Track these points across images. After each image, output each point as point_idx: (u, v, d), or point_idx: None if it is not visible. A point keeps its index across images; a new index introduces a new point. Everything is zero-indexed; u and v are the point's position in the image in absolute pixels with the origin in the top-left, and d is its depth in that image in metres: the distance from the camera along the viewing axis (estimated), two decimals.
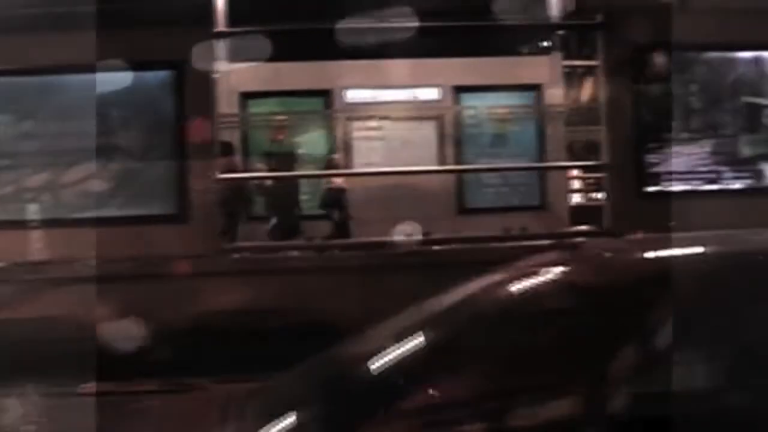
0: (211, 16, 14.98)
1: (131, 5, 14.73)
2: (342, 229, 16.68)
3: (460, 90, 17.71)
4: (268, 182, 16.97)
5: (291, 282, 13.46)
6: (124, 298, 12.65)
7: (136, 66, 13.59)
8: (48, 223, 13.42)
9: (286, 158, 16.94)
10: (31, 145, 13.68)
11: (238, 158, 16.61)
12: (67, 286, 12.95)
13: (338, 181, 16.84)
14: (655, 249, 5.03)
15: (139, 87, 13.75)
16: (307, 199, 17.36)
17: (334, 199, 16.87)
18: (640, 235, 7.39)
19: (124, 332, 12.48)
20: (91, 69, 13.49)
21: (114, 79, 13.62)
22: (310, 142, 17.26)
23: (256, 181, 16.84)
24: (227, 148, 16.70)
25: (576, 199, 19.53)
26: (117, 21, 13.56)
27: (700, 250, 4.88)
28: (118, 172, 13.69)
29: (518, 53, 18.78)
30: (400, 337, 4.51)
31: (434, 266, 14.00)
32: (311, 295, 13.22)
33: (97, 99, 13.67)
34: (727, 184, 14.54)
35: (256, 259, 14.39)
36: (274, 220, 16.79)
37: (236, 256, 14.31)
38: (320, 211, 17.18)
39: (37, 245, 13.32)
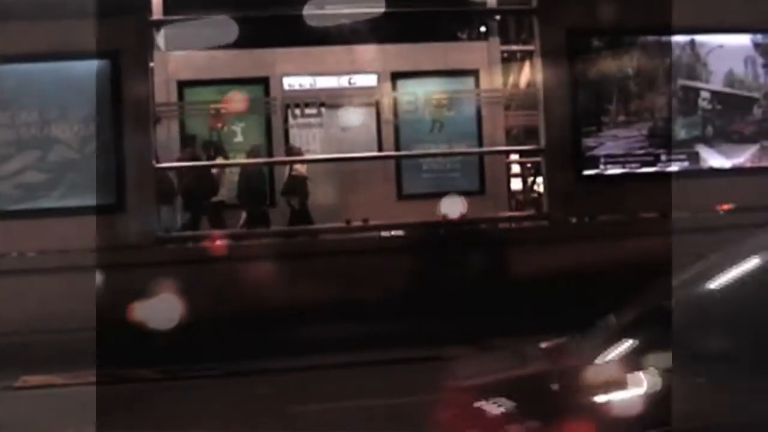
0: (147, 4, 14.90)
1: None
2: (303, 215, 16.62)
3: (397, 76, 17.68)
4: (234, 172, 16.85)
5: (223, 270, 13.47)
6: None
7: (71, 55, 13.50)
8: None
9: (225, 147, 16.82)
10: None
11: (199, 149, 16.50)
12: None
13: (300, 169, 16.76)
14: None
15: (75, 77, 13.64)
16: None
17: (297, 186, 16.81)
18: None
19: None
20: (28, 58, 13.39)
21: (50, 69, 13.51)
22: (249, 129, 17.14)
23: (217, 171, 16.71)
24: (189, 140, 16.58)
25: (515, 183, 19.63)
26: (51, 10, 13.46)
27: None
28: (55, 163, 13.56)
29: (456, 39, 18.85)
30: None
31: (368, 252, 14.09)
32: (241, 283, 13.26)
33: (32, 89, 13.56)
34: (664, 166, 14.70)
35: (190, 249, 14.39)
36: (243, 211, 16.67)
37: (172, 246, 14.27)
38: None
39: None
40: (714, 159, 14.89)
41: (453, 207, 15.46)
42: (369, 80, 17.54)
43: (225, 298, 13.01)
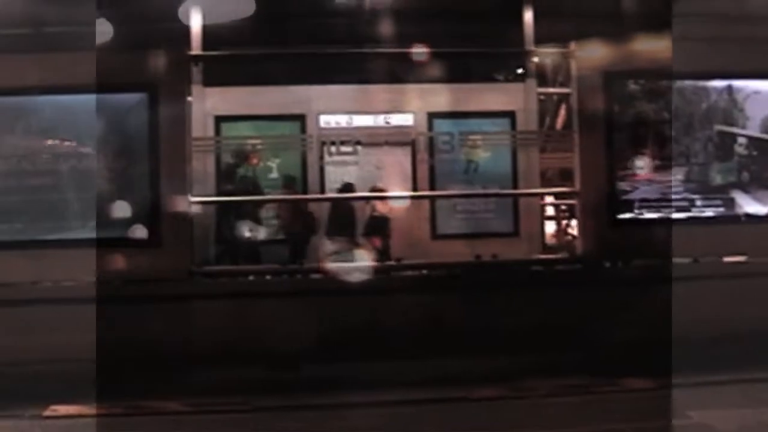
0: (186, 38, 15.03)
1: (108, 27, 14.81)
2: (384, 254, 16.62)
3: (434, 116, 17.72)
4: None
5: (254, 306, 13.49)
6: None
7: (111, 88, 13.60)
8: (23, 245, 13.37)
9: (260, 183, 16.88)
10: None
11: (297, 188, 16.57)
12: None
13: (382, 209, 16.79)
14: None
15: (114, 109, 13.76)
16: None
17: (378, 226, 16.86)
18: None
19: None
20: (67, 90, 13.50)
21: (88, 101, 13.60)
22: (284, 165, 17.17)
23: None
24: (289, 180, 16.65)
25: (549, 226, 19.55)
26: (92, 42, 13.62)
27: None
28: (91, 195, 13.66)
29: (493, 80, 18.84)
30: None
31: (397, 291, 14.09)
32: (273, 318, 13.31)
33: (70, 120, 13.66)
34: (700, 211, 14.63)
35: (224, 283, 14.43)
36: (332, 246, 16.73)
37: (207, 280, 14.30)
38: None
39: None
40: (750, 205, 14.81)
41: None
42: (405, 119, 17.56)
43: (255, 333, 13.09)
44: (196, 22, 15.29)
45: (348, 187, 16.79)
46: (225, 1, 15.35)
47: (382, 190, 16.72)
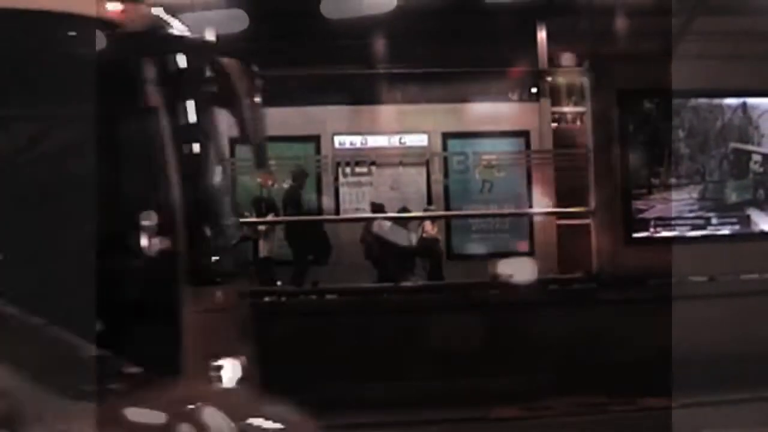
0: None
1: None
2: (434, 275, 16.57)
3: (448, 136, 17.71)
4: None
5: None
6: None
7: None
8: None
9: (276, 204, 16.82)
10: None
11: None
12: None
13: (431, 231, 16.78)
14: None
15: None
16: None
17: (428, 248, 16.83)
18: None
19: None
20: None
21: None
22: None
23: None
24: (379, 208, 16.65)
25: (565, 244, 19.52)
26: None
27: None
28: None
29: (507, 99, 18.84)
30: None
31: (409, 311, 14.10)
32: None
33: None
34: (715, 229, 14.59)
35: None
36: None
37: None
38: None
39: None
40: (765, 222, 14.77)
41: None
42: (419, 140, 17.57)
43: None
44: None
45: (405, 210, 16.76)
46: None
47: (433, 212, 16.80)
